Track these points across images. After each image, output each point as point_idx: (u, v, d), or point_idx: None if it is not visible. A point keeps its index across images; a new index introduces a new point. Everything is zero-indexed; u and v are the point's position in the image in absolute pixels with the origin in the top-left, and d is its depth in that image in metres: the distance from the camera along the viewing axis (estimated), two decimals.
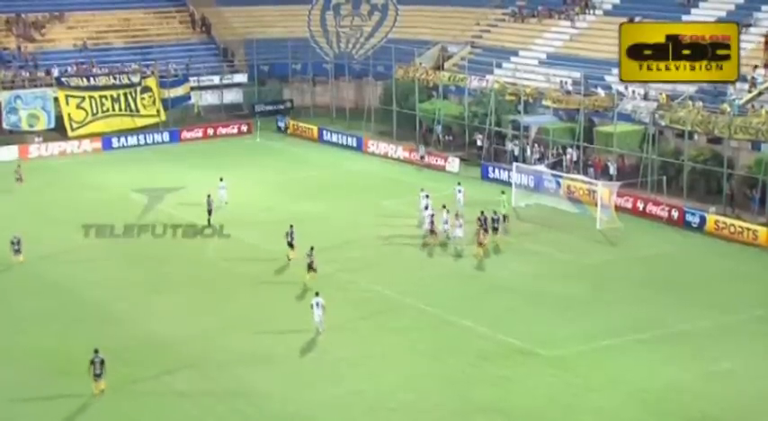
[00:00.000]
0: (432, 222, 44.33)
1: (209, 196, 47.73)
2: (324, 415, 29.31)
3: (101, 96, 66.62)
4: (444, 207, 45.24)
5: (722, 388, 30.68)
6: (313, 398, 30.34)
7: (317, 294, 35.22)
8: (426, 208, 45.95)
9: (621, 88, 55.46)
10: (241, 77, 73.35)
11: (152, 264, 42.58)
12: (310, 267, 39.10)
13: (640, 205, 48.93)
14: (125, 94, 67.33)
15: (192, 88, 70.33)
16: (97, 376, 30.31)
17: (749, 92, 51.32)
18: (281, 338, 34.70)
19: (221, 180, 50.93)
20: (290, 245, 42.25)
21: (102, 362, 30.29)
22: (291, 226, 42.79)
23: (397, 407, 29.70)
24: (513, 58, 64.20)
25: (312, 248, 39.20)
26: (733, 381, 31.10)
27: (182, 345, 33.68)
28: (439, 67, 65.66)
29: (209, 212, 47.26)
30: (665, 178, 50.66)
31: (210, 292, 39.23)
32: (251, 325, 35.88)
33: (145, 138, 66.42)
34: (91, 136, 65.20)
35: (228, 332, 35.25)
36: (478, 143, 59.97)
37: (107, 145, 65.10)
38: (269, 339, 34.63)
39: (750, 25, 55.96)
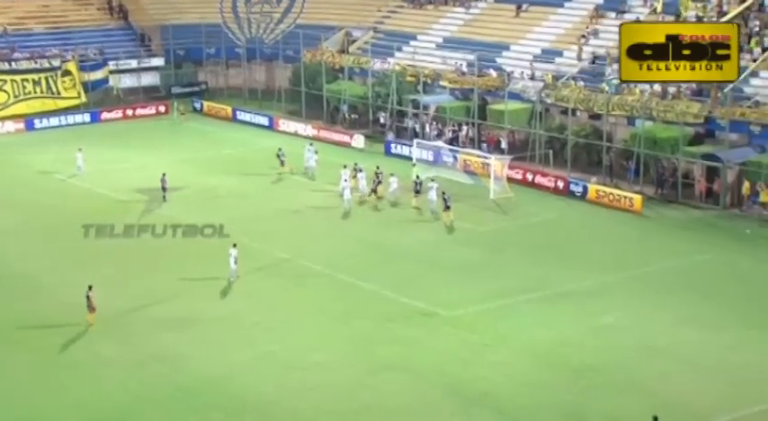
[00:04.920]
0: (375, 185, 46.33)
1: (163, 175, 46.86)
2: (241, 375, 29.22)
3: (22, 80, 64.80)
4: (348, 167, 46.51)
5: (603, 340, 31.41)
6: (230, 360, 30.22)
7: (234, 245, 36.15)
8: (346, 180, 45.95)
9: (511, 69, 56.10)
10: (158, 61, 71.95)
11: (78, 237, 41.69)
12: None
13: (529, 177, 49.58)
14: (46, 78, 65.65)
15: (111, 72, 68.81)
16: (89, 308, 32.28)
17: None
18: (199, 306, 34.41)
19: (80, 150, 51.36)
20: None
21: (88, 297, 32.18)
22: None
23: (309, 366, 29.76)
24: (412, 42, 64.24)
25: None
26: (612, 334, 31.86)
27: (106, 314, 33.08)
28: (344, 51, 65.38)
29: (164, 190, 46.44)
30: (551, 152, 51.42)
31: (131, 264, 38.61)
32: (170, 293, 35.49)
33: (66, 119, 64.88)
34: (13, 117, 63.48)
35: (150, 300, 34.80)
36: (382, 121, 60.02)
37: (30, 125, 63.42)
38: (189, 306, 34.32)
39: (624, 11, 56.97)
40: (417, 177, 46.79)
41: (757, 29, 50.02)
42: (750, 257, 38.93)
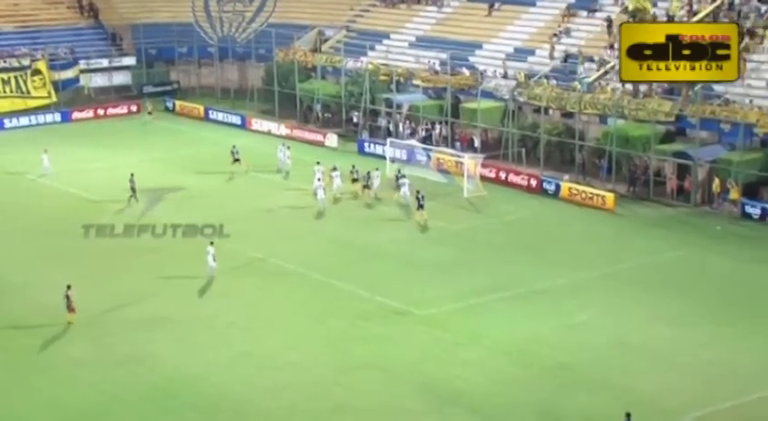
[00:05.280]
0: (367, 180, 46.56)
1: (132, 175, 46.65)
2: (216, 375, 29.22)
3: None
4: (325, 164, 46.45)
5: (576, 338, 31.65)
6: (205, 359, 30.22)
7: (211, 243, 36.62)
8: (320, 179, 45.97)
9: (483, 67, 56.33)
10: (129, 60, 71.60)
11: (49, 237, 41.47)
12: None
13: (502, 175, 49.82)
14: (16, 77, 65.16)
15: (82, 71, 68.47)
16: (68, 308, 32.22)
17: (597, 71, 52.65)
18: (175, 305, 34.36)
19: (45, 151, 50.99)
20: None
21: (68, 296, 32.06)
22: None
23: (284, 365, 29.82)
24: (385, 41, 64.34)
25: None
26: (585, 332, 32.11)
27: (81, 314, 32.87)
28: (317, 50, 65.34)
29: (133, 190, 46.23)
30: (524, 150, 51.72)
31: (104, 265, 38.47)
32: (145, 293, 35.41)
33: (37, 119, 64.43)
34: None
35: (123, 300, 34.69)
36: (355, 120, 60.08)
37: (0, 125, 63.02)
38: (164, 306, 34.25)
39: (596, 10, 57.37)
40: (399, 171, 47.42)
41: None
42: (721, 254, 39.35)
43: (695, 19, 51.12)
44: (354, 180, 47.20)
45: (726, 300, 34.66)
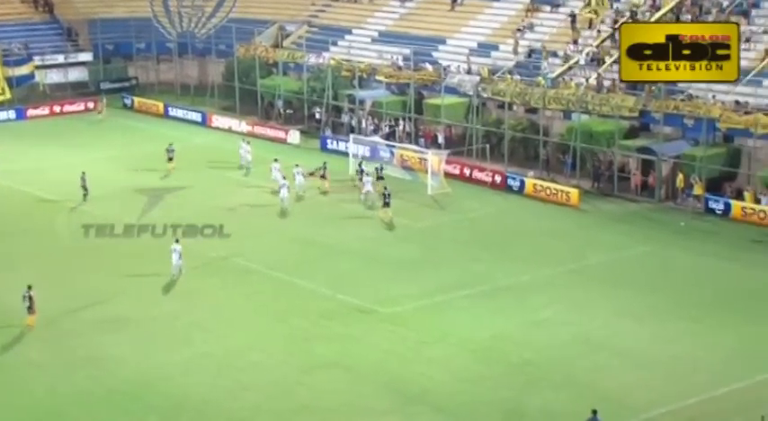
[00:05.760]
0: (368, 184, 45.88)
1: (83, 173, 46.14)
2: (177, 376, 29.02)
3: None
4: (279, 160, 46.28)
5: (541, 335, 31.81)
6: (165, 361, 30.00)
7: (176, 241, 36.36)
8: (285, 178, 45.79)
9: (447, 63, 56.41)
10: (86, 56, 70.87)
11: (2, 238, 40.96)
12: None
13: (467, 171, 49.95)
14: None
15: (37, 67, 67.65)
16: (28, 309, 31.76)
17: (561, 66, 52.93)
18: (135, 306, 34.07)
19: None
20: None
21: (30, 297, 31.64)
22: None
23: (245, 366, 29.67)
24: (347, 36, 64.23)
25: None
26: (551, 329, 32.28)
27: (39, 316, 32.41)
28: (278, 45, 65.09)
29: (85, 189, 45.75)
30: (488, 146, 51.88)
31: (61, 265, 38.07)
32: (102, 294, 35.06)
33: None
34: None
35: (79, 301, 34.33)
36: (317, 116, 59.95)
37: None
38: (124, 307, 33.95)
39: (559, 5, 57.67)
40: (377, 169, 47.27)
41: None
42: (684, 249, 39.72)
43: (658, 14, 51.59)
44: (321, 176, 47.29)
45: (690, 296, 35.00)
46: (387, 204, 43.10)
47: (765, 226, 42.16)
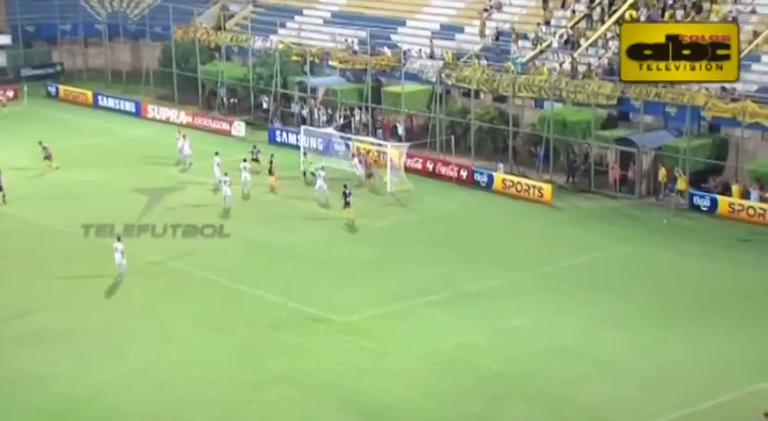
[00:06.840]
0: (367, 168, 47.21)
1: None
2: (109, 395, 28.99)
3: None
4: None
5: (512, 344, 32.14)
6: (97, 377, 29.96)
7: (118, 239, 36.75)
8: (227, 174, 45.87)
9: (407, 47, 56.72)
10: (4, 39, 70.40)
11: None
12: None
13: (430, 166, 50.29)
14: None
15: None
16: None
17: (532, 50, 53.43)
18: (66, 316, 33.96)
19: None
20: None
21: None
22: None
23: (185, 382, 29.73)
24: (297, 17, 64.38)
25: None
26: (522, 337, 32.63)
27: None
28: (220, 27, 65.10)
29: (0, 189, 45.53)
30: (453, 138, 52.26)
31: None
32: (26, 304, 34.92)
33: None
34: None
35: (9, 313, 34.13)
36: (265, 106, 60.03)
37: None
38: (53, 318, 33.82)
39: None
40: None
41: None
42: (667, 249, 40.31)
43: (625, 6, 52.14)
44: (253, 159, 48.19)
45: (673, 301, 35.52)
46: (348, 204, 43.24)
47: (754, 223, 42.87)
